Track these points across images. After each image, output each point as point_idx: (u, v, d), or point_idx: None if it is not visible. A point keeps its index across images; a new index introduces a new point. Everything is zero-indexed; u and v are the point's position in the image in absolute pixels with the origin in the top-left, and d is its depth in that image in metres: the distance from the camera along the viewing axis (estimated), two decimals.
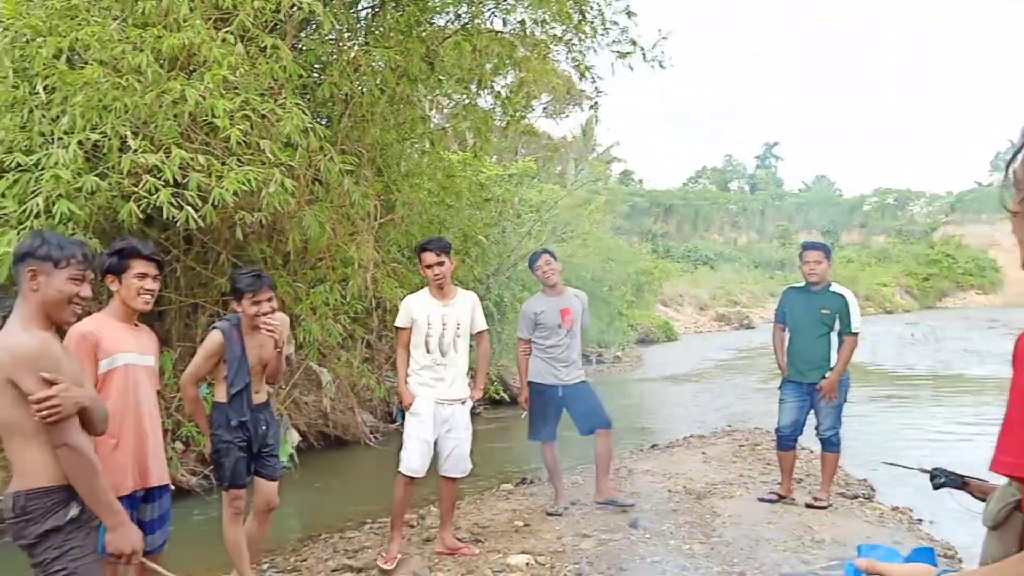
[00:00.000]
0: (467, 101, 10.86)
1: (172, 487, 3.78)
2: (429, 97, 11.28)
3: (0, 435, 2.60)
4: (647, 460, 8.06)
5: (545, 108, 21.78)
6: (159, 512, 3.54)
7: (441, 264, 4.87)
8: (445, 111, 13.68)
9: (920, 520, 6.40)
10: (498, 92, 11.28)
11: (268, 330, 4.08)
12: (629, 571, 4.68)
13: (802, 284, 6.20)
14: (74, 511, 2.57)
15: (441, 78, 10.09)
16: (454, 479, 5.06)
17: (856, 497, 6.83)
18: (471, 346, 5.16)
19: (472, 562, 4.86)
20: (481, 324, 5.09)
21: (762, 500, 6.25)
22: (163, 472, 3.54)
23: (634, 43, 10.08)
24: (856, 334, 5.95)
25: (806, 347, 6.06)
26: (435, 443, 4.93)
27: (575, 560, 4.86)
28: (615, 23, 9.88)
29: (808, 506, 6.07)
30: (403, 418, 5.06)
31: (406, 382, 4.97)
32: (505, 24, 9.74)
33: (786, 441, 6.20)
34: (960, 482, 2.12)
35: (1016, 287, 50.30)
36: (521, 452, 7.76)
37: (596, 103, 11.44)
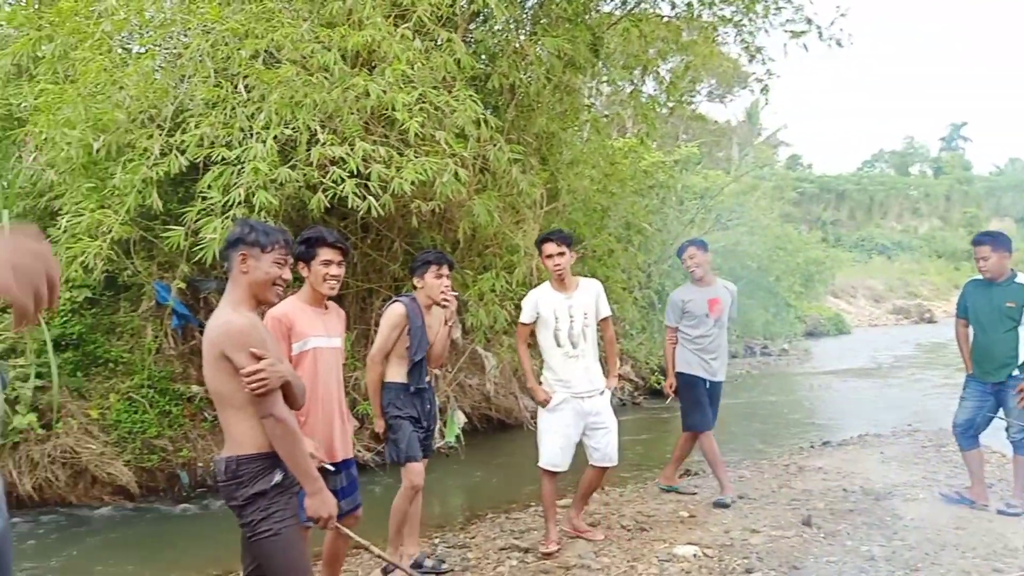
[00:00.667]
0: (631, 88, 10.77)
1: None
2: (590, 84, 11.27)
3: (215, 405, 2.87)
4: (818, 457, 7.73)
5: (709, 92, 21.20)
6: (345, 483, 3.78)
7: (562, 255, 4.78)
8: (604, 98, 13.61)
9: None
10: (662, 78, 11.12)
11: (446, 301, 4.33)
12: (803, 570, 4.52)
13: (981, 279, 5.77)
14: (278, 476, 2.79)
15: (606, 65, 10.07)
16: (604, 468, 5.02)
17: None
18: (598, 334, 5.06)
19: (638, 549, 4.87)
20: (605, 311, 4.97)
21: (944, 495, 5.92)
22: (348, 447, 3.80)
23: (809, 21, 9.65)
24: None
25: (990, 344, 5.65)
26: (582, 435, 4.88)
27: (744, 555, 4.75)
28: (789, 1, 9.48)
29: (999, 512, 5.62)
30: None
31: (537, 379, 4.95)
32: (673, 8, 9.56)
33: (962, 440, 5.87)
34: None
35: None
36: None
37: (766, 86, 11.02)
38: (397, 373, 4.39)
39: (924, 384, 14.56)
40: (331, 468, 3.60)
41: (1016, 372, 5.51)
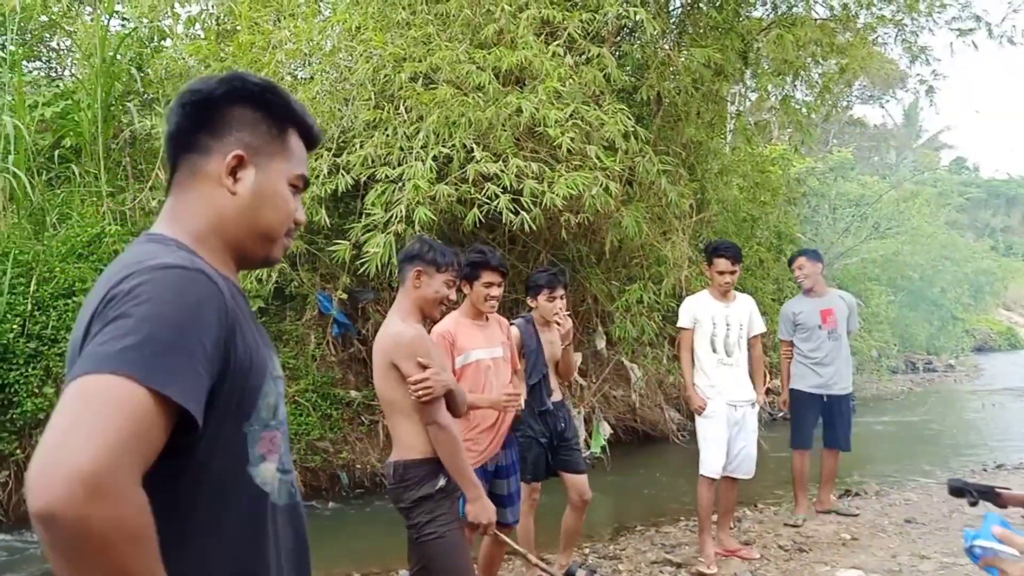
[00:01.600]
0: (782, 94, 10.45)
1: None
2: (734, 91, 11.04)
3: (384, 411, 3.04)
4: (992, 480, 7.20)
5: (862, 93, 20.22)
6: (509, 490, 3.89)
7: (733, 273, 4.92)
8: (751, 105, 13.27)
9: None
10: (814, 82, 10.73)
11: (559, 323, 4.34)
12: None
13: None
14: (442, 481, 2.91)
15: (755, 72, 9.83)
16: (737, 480, 5.04)
17: None
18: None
19: (797, 571, 4.73)
20: (759, 327, 5.11)
21: None
22: (512, 456, 3.90)
23: (978, 19, 9.08)
24: None
25: None
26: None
27: None
28: None
29: None
30: None
31: (694, 384, 5.00)
32: (830, 10, 9.22)
33: None
34: (992, 494, 1.83)
35: None
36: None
37: (931, 87, 10.44)
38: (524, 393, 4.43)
39: None
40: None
41: None
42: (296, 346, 7.95)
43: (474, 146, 6.20)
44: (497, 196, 6.07)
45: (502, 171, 6.05)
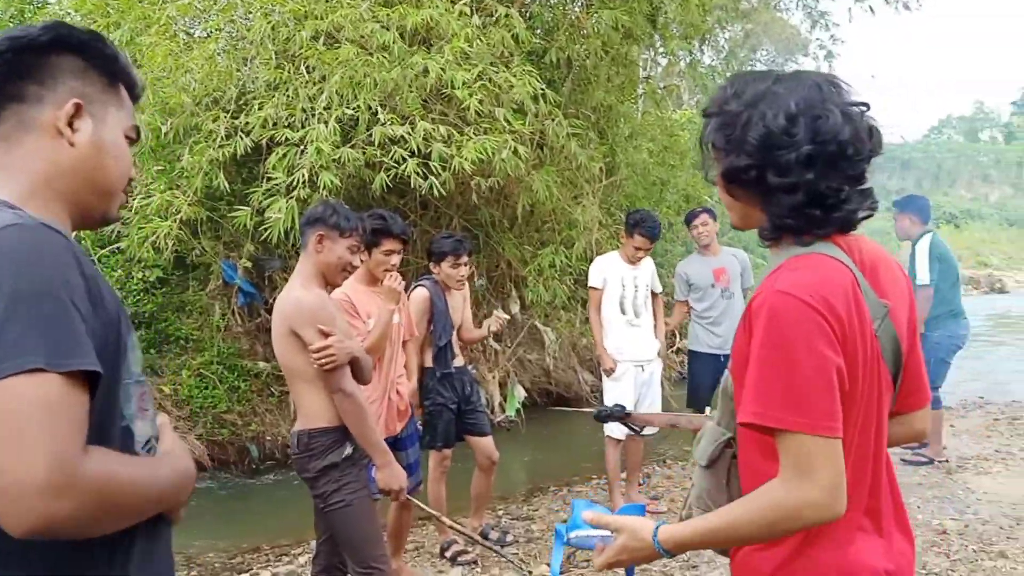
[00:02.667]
0: (689, 58, 10.58)
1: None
2: (646, 56, 11.11)
3: (286, 379, 2.96)
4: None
5: (770, 61, 20.70)
6: (411, 459, 3.86)
7: (648, 250, 5.07)
8: (661, 70, 13.43)
9: None
10: (721, 47, 10.91)
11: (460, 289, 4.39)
12: None
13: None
14: (348, 449, 2.86)
15: (663, 36, 9.90)
16: (643, 438, 5.13)
17: None
18: None
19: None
20: (657, 287, 5.27)
21: (906, 462, 6.08)
22: (409, 424, 3.87)
23: None
24: (924, 286, 5.82)
25: None
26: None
27: None
28: None
29: (904, 461, 5.95)
30: None
31: (604, 345, 5.08)
32: None
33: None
34: (623, 413, 2.09)
35: None
36: None
37: (830, 52, 10.75)
38: (429, 358, 4.42)
39: (995, 356, 14.13)
40: None
41: (923, 329, 5.70)
42: (200, 317, 7.71)
43: (379, 108, 6.04)
44: (405, 160, 5.94)
45: (409, 134, 5.93)
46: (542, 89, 6.61)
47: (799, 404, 1.23)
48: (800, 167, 1.29)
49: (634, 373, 5.02)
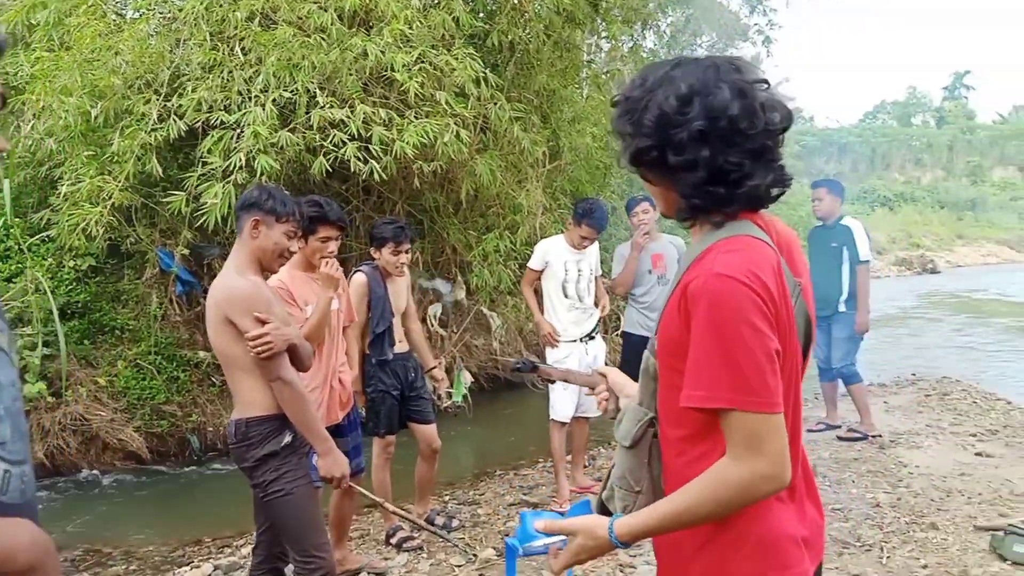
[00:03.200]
0: (631, 43, 10.64)
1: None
2: (591, 41, 11.14)
3: (223, 368, 2.89)
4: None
5: (711, 46, 20.95)
6: (352, 444, 3.82)
7: (594, 240, 5.10)
8: (604, 54, 13.49)
9: None
10: (663, 32, 10.99)
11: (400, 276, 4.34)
12: None
13: (819, 224, 6.47)
14: (288, 438, 2.82)
15: (605, 20, 9.92)
16: (588, 419, 5.24)
17: None
18: None
19: None
20: (598, 270, 5.31)
21: (810, 431, 6.43)
22: (349, 411, 3.83)
23: None
24: (866, 262, 6.17)
25: (820, 281, 5.96)
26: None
27: None
28: None
29: (839, 438, 6.25)
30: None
31: (542, 313, 5.14)
32: None
33: (827, 374, 6.55)
34: (531, 367, 2.26)
35: None
36: None
37: (768, 37, 10.92)
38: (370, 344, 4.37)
39: (927, 334, 14.60)
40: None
41: (843, 308, 6.17)
42: (136, 306, 7.51)
43: (318, 91, 5.94)
44: (344, 144, 5.85)
45: (349, 117, 5.84)
46: (484, 73, 6.57)
47: (746, 384, 1.26)
48: (694, 144, 1.33)
49: (579, 354, 5.04)
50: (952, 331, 14.91)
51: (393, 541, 4.46)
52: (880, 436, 6.29)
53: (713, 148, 1.32)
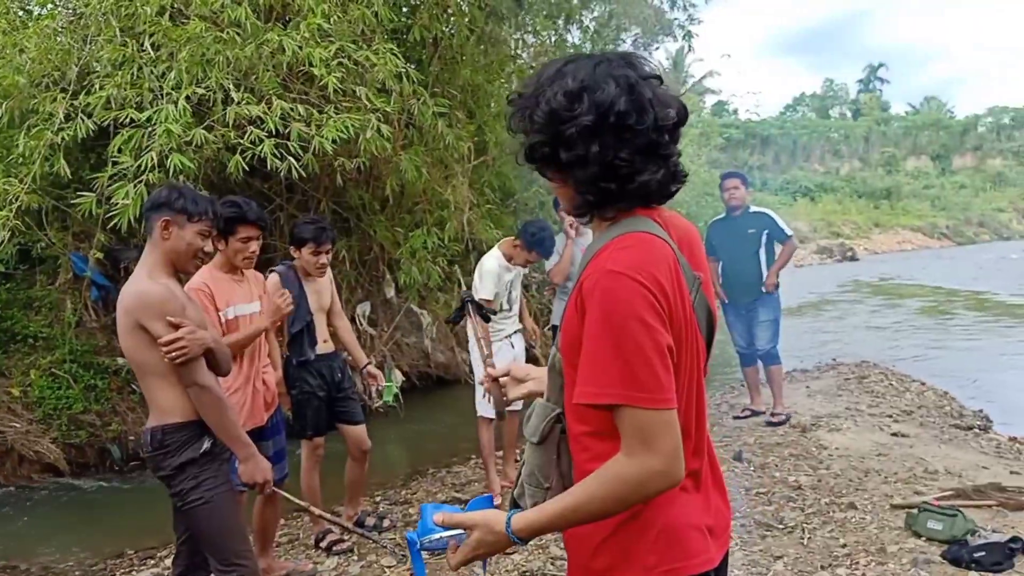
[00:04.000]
0: (555, 38, 10.69)
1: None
2: (516, 36, 11.16)
3: (136, 375, 2.80)
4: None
5: (635, 41, 21.20)
6: (275, 448, 3.74)
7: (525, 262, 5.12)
8: (532, 49, 13.55)
9: None
10: (587, 27, 11.08)
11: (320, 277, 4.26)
12: (735, 503, 4.68)
13: (723, 215, 6.65)
14: (207, 444, 2.74)
15: (530, 15, 9.96)
16: (517, 413, 5.21)
17: (971, 428, 6.64)
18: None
19: None
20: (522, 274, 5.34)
21: (737, 418, 6.72)
22: (274, 414, 3.75)
23: None
24: (791, 236, 6.46)
25: (739, 269, 6.39)
26: None
27: None
28: None
29: (768, 424, 6.42)
30: None
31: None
32: None
33: (749, 359, 6.75)
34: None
35: None
36: None
37: (688, 32, 11.09)
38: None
39: (847, 320, 15.11)
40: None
41: (764, 291, 6.37)
42: (50, 313, 7.24)
43: (234, 87, 5.79)
44: (261, 141, 5.72)
45: (265, 114, 5.71)
46: (404, 67, 6.50)
47: (636, 379, 1.26)
48: (584, 140, 1.33)
49: (506, 349, 5.08)
50: (870, 316, 15.47)
51: (323, 545, 4.39)
52: (792, 416, 6.53)
53: (603, 144, 1.33)
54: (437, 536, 1.48)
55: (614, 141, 1.33)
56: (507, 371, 1.81)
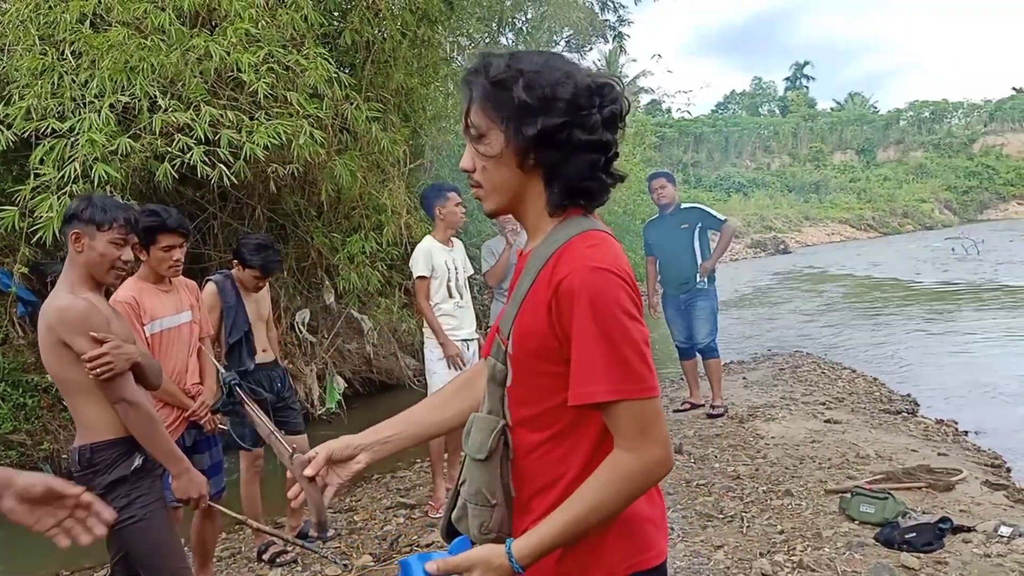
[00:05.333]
0: (488, 40, 10.72)
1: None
2: (450, 39, 11.15)
3: (61, 393, 2.72)
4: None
5: (568, 42, 21.39)
6: (211, 462, 3.67)
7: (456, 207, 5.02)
8: (467, 52, 13.56)
9: (965, 432, 6.43)
10: (519, 29, 11.14)
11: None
12: (677, 495, 4.77)
13: (657, 215, 6.77)
14: (138, 461, 2.68)
15: (462, 18, 9.97)
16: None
17: (899, 413, 6.87)
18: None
19: None
20: (470, 268, 5.20)
21: (677, 411, 6.87)
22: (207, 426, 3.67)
23: None
24: (726, 221, 6.60)
25: (676, 264, 6.57)
26: None
27: None
28: None
29: (708, 416, 6.58)
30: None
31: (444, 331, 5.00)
32: None
33: (687, 352, 6.84)
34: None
35: None
36: None
37: (619, 33, 11.24)
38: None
39: (781, 310, 15.48)
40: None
41: (700, 284, 6.53)
42: None
43: (160, 95, 5.66)
44: (190, 148, 5.60)
45: (194, 120, 5.60)
46: (336, 72, 6.45)
47: (633, 372, 1.27)
48: (603, 127, 1.37)
49: (465, 354, 5.00)
50: (803, 306, 15.87)
51: (265, 557, 4.34)
52: (728, 407, 6.68)
53: (611, 134, 1.39)
54: None
55: (613, 135, 1.38)
56: (324, 460, 1.53)
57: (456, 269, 5.00)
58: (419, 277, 4.87)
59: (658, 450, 1.28)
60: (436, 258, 4.91)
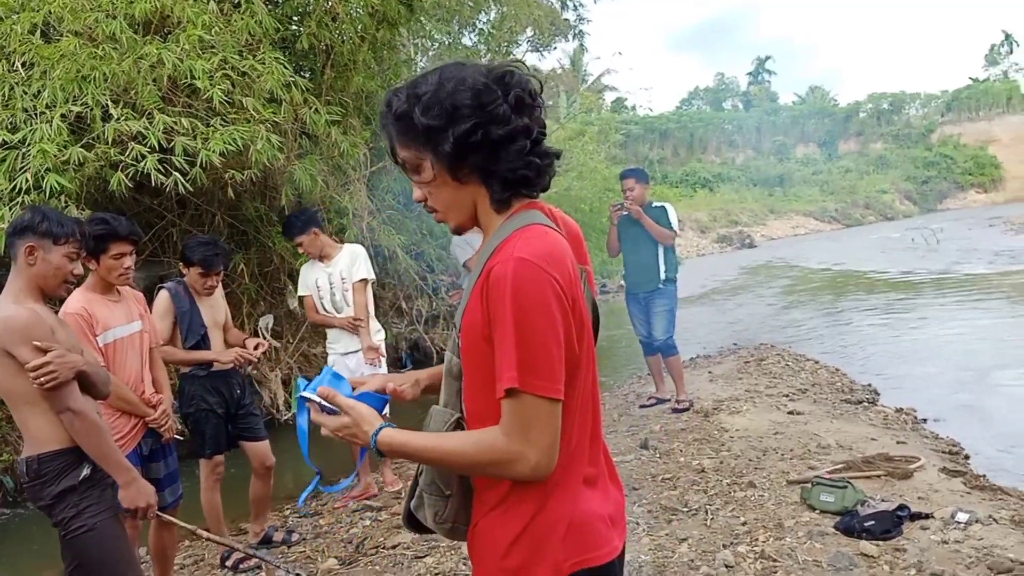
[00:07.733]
0: (450, 41, 10.72)
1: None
2: (413, 41, 11.13)
3: (7, 404, 2.70)
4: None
5: (530, 42, 21.43)
6: (167, 471, 3.65)
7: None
8: (431, 54, 13.53)
9: (924, 420, 6.55)
10: (481, 29, 11.14)
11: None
12: (642, 490, 4.82)
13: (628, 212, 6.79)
14: (86, 471, 2.67)
15: (422, 19, 9.94)
16: None
17: (860, 402, 6.97)
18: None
19: None
20: (360, 274, 5.04)
21: (643, 407, 6.99)
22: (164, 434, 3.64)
23: None
24: (673, 229, 6.60)
25: (639, 261, 6.66)
26: None
27: None
28: None
29: (674, 411, 6.67)
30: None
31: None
32: None
33: (650, 348, 6.87)
34: None
35: (1017, 182, 50.07)
36: None
37: (580, 32, 11.30)
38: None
39: (747, 303, 15.64)
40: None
41: (661, 284, 6.59)
42: None
43: (111, 103, 5.59)
44: (144, 157, 5.54)
45: (147, 128, 5.54)
46: (292, 77, 6.41)
47: (532, 365, 1.29)
48: (514, 114, 1.40)
49: (343, 364, 5.00)
50: (768, 299, 16.05)
51: (228, 564, 4.31)
52: (693, 401, 6.77)
53: (532, 119, 1.42)
54: (312, 397, 1.53)
55: (530, 117, 1.42)
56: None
57: (331, 286, 5.04)
58: (300, 296, 5.25)
59: (531, 453, 1.30)
60: (308, 279, 5.11)
